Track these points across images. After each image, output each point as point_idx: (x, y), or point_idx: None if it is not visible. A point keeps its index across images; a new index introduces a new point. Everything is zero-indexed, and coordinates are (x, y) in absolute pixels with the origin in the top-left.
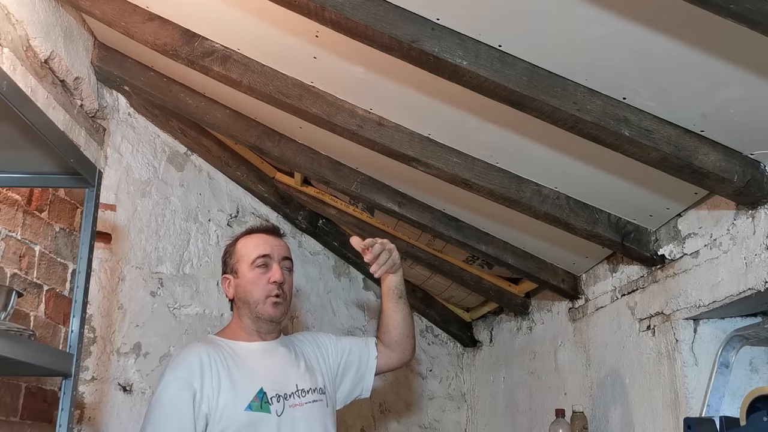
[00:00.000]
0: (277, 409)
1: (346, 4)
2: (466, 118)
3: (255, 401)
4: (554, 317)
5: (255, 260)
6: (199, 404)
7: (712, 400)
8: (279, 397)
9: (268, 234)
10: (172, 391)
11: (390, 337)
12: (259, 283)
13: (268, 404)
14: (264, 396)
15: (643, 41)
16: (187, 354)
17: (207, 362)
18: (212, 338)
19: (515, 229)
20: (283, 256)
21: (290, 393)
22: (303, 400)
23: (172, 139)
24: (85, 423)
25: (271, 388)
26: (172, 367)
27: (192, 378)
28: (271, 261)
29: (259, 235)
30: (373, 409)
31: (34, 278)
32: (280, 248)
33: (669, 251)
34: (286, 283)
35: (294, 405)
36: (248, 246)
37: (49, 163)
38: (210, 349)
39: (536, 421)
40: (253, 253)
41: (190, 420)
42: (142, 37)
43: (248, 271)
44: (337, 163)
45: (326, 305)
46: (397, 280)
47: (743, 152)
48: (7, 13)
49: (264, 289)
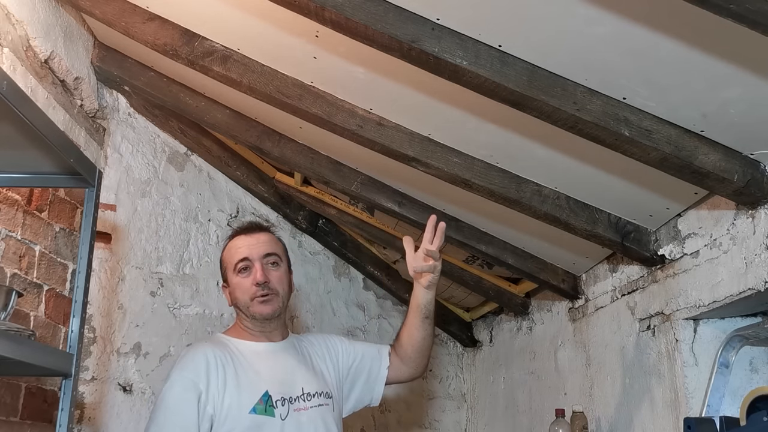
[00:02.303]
0: (281, 413)
1: (346, 4)
2: (465, 118)
3: (260, 404)
4: (554, 317)
5: (236, 267)
6: (204, 405)
7: (712, 400)
8: (284, 400)
9: (246, 234)
10: (177, 391)
11: (405, 351)
12: (243, 287)
13: (272, 408)
14: (269, 399)
15: (643, 41)
16: (193, 354)
17: (213, 362)
18: (220, 337)
19: (515, 229)
20: (263, 253)
21: (296, 396)
22: (308, 404)
23: (172, 139)
24: (85, 423)
25: (276, 391)
26: (179, 367)
27: (198, 378)
28: (251, 263)
29: (239, 238)
30: (373, 409)
31: (34, 278)
32: (259, 246)
33: (669, 251)
34: (273, 278)
35: (299, 409)
36: (230, 253)
37: (49, 163)
38: (217, 350)
39: (536, 421)
40: (233, 259)
41: (194, 421)
42: (142, 37)
43: (234, 278)
44: (337, 163)
45: (326, 305)
46: (429, 298)
47: (743, 152)
48: (7, 13)
49: (248, 292)
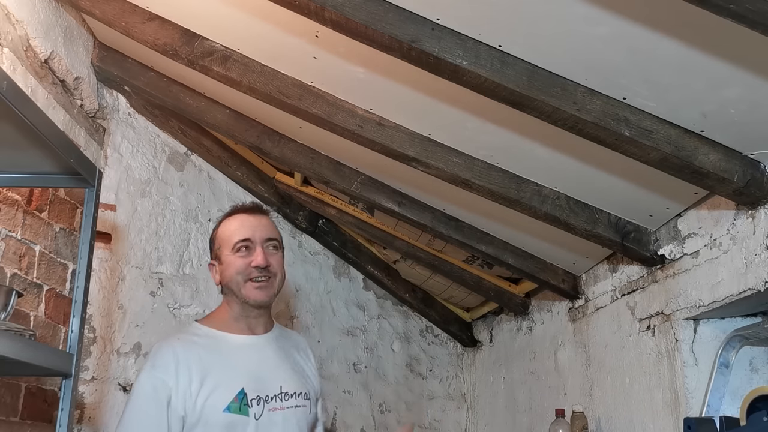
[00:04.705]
0: (255, 413)
1: (346, 4)
2: (466, 118)
3: (234, 402)
4: (554, 317)
5: (235, 245)
6: (174, 405)
7: (712, 400)
8: (260, 399)
9: (249, 213)
10: (146, 391)
11: None
12: (239, 266)
13: (247, 407)
14: (244, 398)
15: (643, 41)
16: (163, 352)
17: (184, 359)
18: (195, 329)
19: (515, 229)
20: (266, 237)
21: (272, 395)
22: (285, 404)
23: (172, 139)
24: (85, 423)
25: (252, 389)
26: (148, 366)
27: (167, 377)
28: (254, 244)
29: (240, 216)
30: (373, 409)
31: (34, 278)
32: (262, 229)
33: (669, 251)
34: (273, 263)
35: (274, 409)
36: (229, 230)
37: (49, 163)
38: (187, 346)
39: (536, 421)
40: (234, 237)
41: (164, 422)
42: (142, 37)
43: (230, 256)
44: (337, 163)
45: (326, 305)
46: None
47: (743, 152)
48: (7, 13)
49: (244, 272)
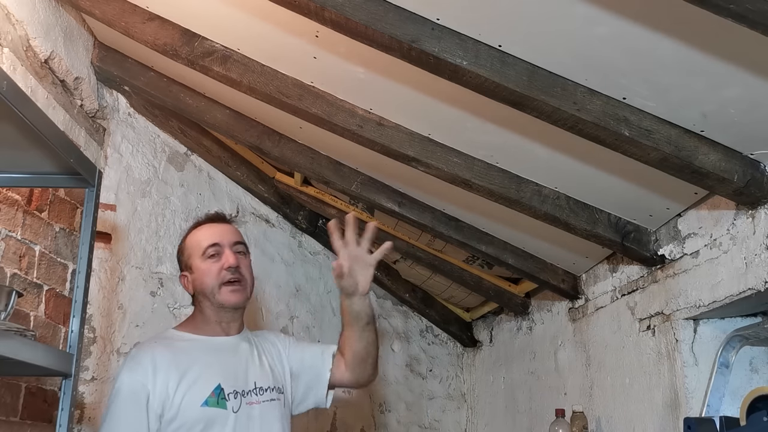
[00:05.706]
0: (233, 406)
1: (346, 4)
2: (466, 118)
3: (212, 397)
4: (554, 317)
5: (205, 251)
6: (152, 405)
7: (712, 400)
8: (237, 393)
9: (214, 222)
10: (124, 392)
11: (348, 361)
12: (212, 272)
13: (224, 400)
14: (221, 392)
15: (643, 41)
16: (141, 355)
17: (161, 361)
18: (170, 333)
19: (515, 229)
20: (233, 241)
21: (248, 390)
22: (260, 398)
23: (172, 139)
24: (85, 423)
25: (229, 385)
26: (127, 368)
27: (145, 379)
28: (222, 248)
29: (205, 225)
30: (373, 409)
31: (34, 278)
32: (229, 234)
33: (669, 251)
34: (242, 265)
35: (251, 403)
36: (196, 238)
37: (49, 163)
38: (164, 348)
39: (536, 421)
40: (203, 243)
41: (143, 422)
42: (142, 37)
43: (201, 263)
44: (337, 163)
45: (326, 305)
46: (367, 302)
47: (743, 152)
48: (7, 13)
49: (217, 277)
